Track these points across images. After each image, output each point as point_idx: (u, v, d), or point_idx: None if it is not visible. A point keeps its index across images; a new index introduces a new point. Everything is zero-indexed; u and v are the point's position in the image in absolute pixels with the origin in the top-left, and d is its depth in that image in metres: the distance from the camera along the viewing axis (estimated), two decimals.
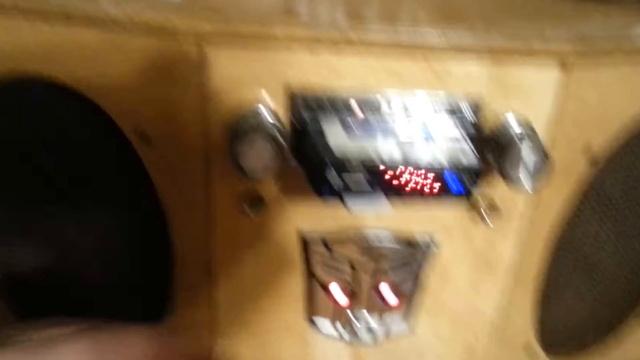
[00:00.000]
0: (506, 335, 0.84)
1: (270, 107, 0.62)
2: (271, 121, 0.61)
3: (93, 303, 0.78)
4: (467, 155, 0.62)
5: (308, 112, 0.63)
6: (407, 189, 0.61)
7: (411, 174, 0.61)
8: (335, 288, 0.75)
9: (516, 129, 0.65)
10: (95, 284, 0.77)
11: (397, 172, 0.60)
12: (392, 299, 0.77)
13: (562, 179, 0.71)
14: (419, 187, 0.61)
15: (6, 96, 0.64)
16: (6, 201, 0.71)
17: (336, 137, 0.62)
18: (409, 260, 0.74)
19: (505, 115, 0.65)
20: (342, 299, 0.76)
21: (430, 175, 0.61)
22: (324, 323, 0.78)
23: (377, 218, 0.71)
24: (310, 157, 0.61)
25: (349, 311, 0.77)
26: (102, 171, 0.68)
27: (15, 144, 0.67)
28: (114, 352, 0.48)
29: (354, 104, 0.63)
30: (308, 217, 0.70)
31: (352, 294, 0.76)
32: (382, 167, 0.60)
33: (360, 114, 0.64)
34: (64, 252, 0.74)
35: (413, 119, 0.64)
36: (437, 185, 0.61)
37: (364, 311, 0.77)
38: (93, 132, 0.66)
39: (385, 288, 0.76)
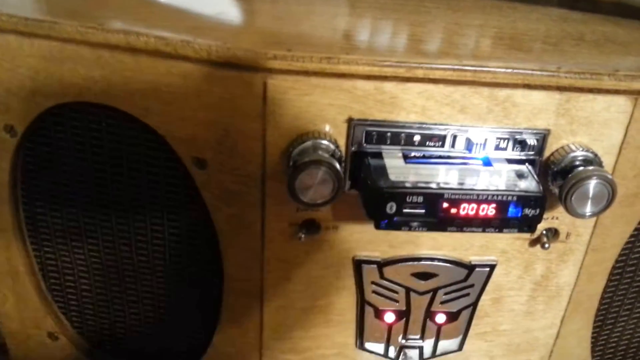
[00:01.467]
0: None
1: (331, 139, 0.62)
2: (331, 153, 0.61)
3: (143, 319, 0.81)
4: (530, 183, 0.63)
5: (370, 143, 0.64)
6: (467, 218, 0.62)
7: (472, 203, 0.61)
8: (388, 314, 0.76)
9: (582, 159, 0.65)
10: (145, 302, 0.79)
11: (457, 202, 0.61)
12: (446, 324, 0.77)
13: (625, 208, 0.72)
14: (479, 217, 0.62)
15: (73, 120, 0.67)
16: (63, 217, 0.74)
17: (397, 169, 0.62)
18: (464, 285, 0.75)
19: (571, 147, 0.65)
20: (395, 325, 0.77)
21: (492, 204, 0.61)
22: (375, 348, 0.79)
23: (433, 244, 0.72)
24: (369, 190, 0.61)
25: (401, 337, 0.78)
26: (157, 192, 0.70)
27: (75, 164, 0.70)
28: None
29: (416, 137, 0.64)
30: (362, 242, 0.71)
31: (405, 320, 0.76)
32: (442, 199, 0.60)
33: (422, 147, 0.64)
34: (116, 269, 0.76)
35: (476, 149, 0.65)
36: (497, 214, 0.62)
37: (417, 336, 0.78)
38: (149, 155, 0.67)
39: (439, 313, 0.77)
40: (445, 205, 0.60)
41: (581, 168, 0.63)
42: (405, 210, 0.60)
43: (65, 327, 0.83)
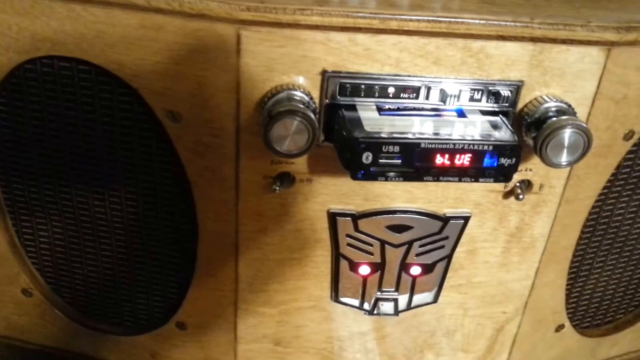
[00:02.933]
0: (538, 314, 0.87)
1: (305, 91, 0.64)
2: (306, 104, 0.63)
3: (118, 273, 0.82)
4: (504, 133, 0.64)
5: (344, 96, 0.65)
6: (444, 168, 0.63)
7: (447, 153, 0.63)
8: (363, 267, 0.78)
9: (556, 110, 0.66)
10: (120, 257, 0.81)
11: (433, 152, 0.63)
12: (421, 276, 0.79)
13: (599, 159, 0.73)
14: (455, 166, 0.63)
15: (44, 75, 0.68)
16: (37, 173, 0.75)
17: (371, 120, 0.64)
18: (439, 237, 0.76)
19: (544, 98, 0.67)
20: (370, 278, 0.79)
21: (468, 154, 0.63)
22: (351, 301, 0.81)
23: (408, 196, 0.73)
24: (345, 141, 0.63)
25: (376, 290, 0.80)
26: (130, 146, 0.71)
27: (50, 120, 0.71)
28: None
29: (390, 89, 0.65)
30: (337, 195, 0.72)
31: (380, 273, 0.78)
32: (418, 149, 0.62)
33: (396, 99, 0.66)
34: (90, 225, 0.77)
35: (450, 101, 0.66)
36: (473, 163, 0.63)
37: (392, 289, 0.80)
38: (122, 109, 0.68)
39: (414, 265, 0.78)
40: (421, 154, 0.62)
41: (555, 118, 0.64)
42: (381, 161, 0.62)
43: (39, 282, 0.84)
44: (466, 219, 0.75)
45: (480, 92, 0.66)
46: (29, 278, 0.83)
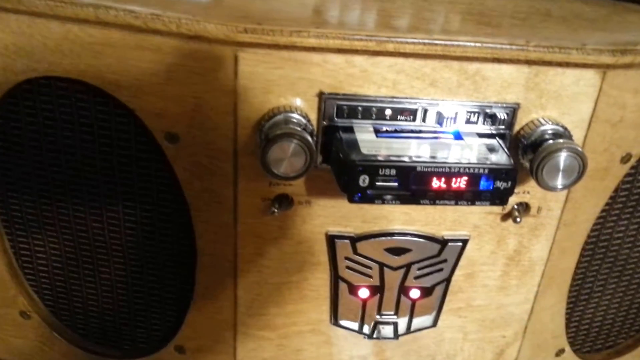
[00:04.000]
0: (539, 338, 0.87)
1: (302, 113, 0.64)
2: (303, 127, 0.63)
3: (116, 296, 0.82)
4: (501, 156, 0.65)
5: (341, 117, 0.66)
6: (440, 191, 0.64)
7: (443, 176, 0.63)
8: (362, 290, 0.78)
9: (552, 133, 0.67)
10: (119, 280, 0.81)
11: (430, 175, 0.63)
12: (420, 299, 0.80)
13: (596, 182, 0.74)
14: (452, 190, 0.64)
15: (41, 96, 0.69)
16: (34, 194, 0.75)
17: (368, 142, 0.64)
18: (438, 260, 0.77)
19: (541, 120, 0.68)
20: (370, 301, 0.79)
21: (464, 177, 0.63)
22: (350, 324, 0.81)
23: (406, 219, 0.74)
24: (342, 163, 0.63)
25: (376, 313, 0.80)
26: (129, 167, 0.72)
27: (47, 140, 0.71)
28: None
29: (387, 111, 0.66)
30: (335, 217, 0.73)
31: (380, 296, 0.79)
32: (415, 172, 0.63)
33: (393, 121, 0.66)
34: (88, 248, 0.78)
35: (447, 123, 0.67)
36: (470, 187, 0.64)
37: (392, 312, 0.80)
38: (119, 130, 0.69)
39: (413, 288, 0.79)
40: (417, 177, 0.63)
41: (551, 141, 0.65)
42: (378, 184, 0.62)
43: (37, 305, 0.84)
44: (464, 241, 0.76)
45: (476, 114, 0.67)
46: (27, 301, 0.83)
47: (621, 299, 0.90)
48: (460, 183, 0.64)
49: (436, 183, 0.63)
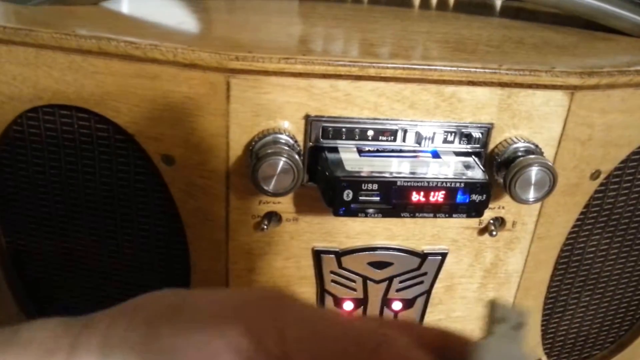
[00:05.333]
0: None
1: (290, 134, 0.69)
2: (291, 147, 0.68)
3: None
4: (476, 172, 0.70)
5: (327, 138, 0.71)
6: (419, 204, 0.69)
7: (422, 190, 0.68)
8: (347, 303, 0.82)
9: (524, 150, 0.72)
10: (117, 299, 0.85)
11: (409, 189, 0.68)
12: (402, 311, 0.84)
13: (567, 198, 0.78)
14: (430, 203, 0.69)
15: (45, 123, 0.73)
16: (37, 210, 0.79)
17: (352, 161, 0.69)
18: (418, 273, 0.81)
19: (513, 139, 0.72)
20: (354, 313, 0.83)
21: (441, 191, 0.68)
22: None
23: (388, 234, 0.78)
24: (327, 180, 0.68)
25: None
26: (127, 190, 0.76)
27: (51, 166, 0.76)
28: None
29: (370, 132, 0.71)
30: (321, 233, 0.77)
31: (363, 308, 0.83)
32: (394, 186, 0.67)
33: (375, 142, 0.71)
34: (87, 267, 0.82)
35: (425, 143, 0.72)
36: (447, 200, 0.69)
37: None
38: (119, 154, 0.74)
39: (395, 300, 0.83)
40: (398, 191, 0.67)
41: (522, 157, 0.70)
42: (361, 198, 0.67)
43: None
44: (443, 255, 0.80)
45: (453, 134, 0.72)
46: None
47: (595, 310, 0.94)
48: (439, 197, 0.68)
49: (415, 197, 0.68)
